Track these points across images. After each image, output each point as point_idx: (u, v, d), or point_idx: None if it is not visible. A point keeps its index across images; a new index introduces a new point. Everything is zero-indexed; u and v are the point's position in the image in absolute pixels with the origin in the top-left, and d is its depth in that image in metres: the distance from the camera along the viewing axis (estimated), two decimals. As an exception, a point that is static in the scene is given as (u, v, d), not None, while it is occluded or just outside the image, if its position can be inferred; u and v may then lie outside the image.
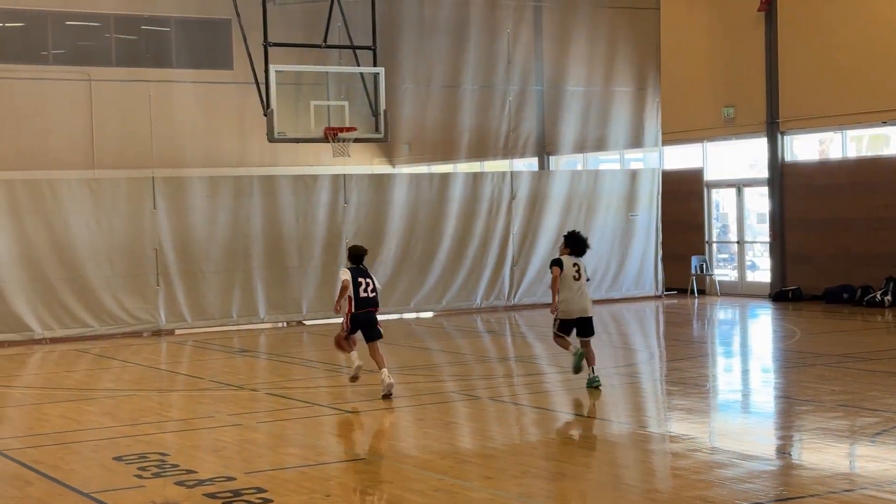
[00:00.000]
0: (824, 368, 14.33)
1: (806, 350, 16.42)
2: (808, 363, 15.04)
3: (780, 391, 13.21)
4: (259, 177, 22.01)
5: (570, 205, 23.96)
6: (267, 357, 17.88)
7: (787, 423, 11.32)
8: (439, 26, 26.34)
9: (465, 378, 14.85)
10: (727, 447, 10.35)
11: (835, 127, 23.06)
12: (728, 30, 24.85)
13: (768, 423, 11.61)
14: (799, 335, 18.20)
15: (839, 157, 23.27)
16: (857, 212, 22.44)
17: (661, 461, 9.87)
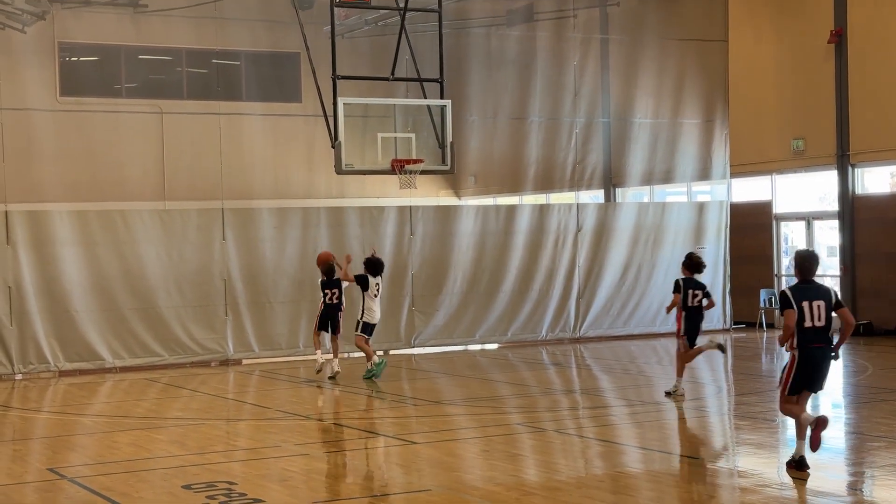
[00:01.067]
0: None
1: (878, 385, 16.15)
2: (880, 399, 14.79)
3: (851, 427, 13.00)
4: (326, 208, 22.18)
5: (637, 237, 23.84)
6: (333, 387, 17.95)
7: (859, 459, 11.14)
8: (506, 59, 26.46)
9: (530, 410, 14.80)
10: (798, 483, 10.20)
11: (907, 159, 22.75)
12: (797, 62, 24.66)
13: (839, 458, 11.42)
14: (871, 370, 17.91)
15: (911, 190, 22.94)
16: (930, 245, 22.07)
17: (729, 496, 9.75)
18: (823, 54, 23.92)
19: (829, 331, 10.40)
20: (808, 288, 10.38)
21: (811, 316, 10.26)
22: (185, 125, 26.58)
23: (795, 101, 24.75)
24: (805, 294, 10.31)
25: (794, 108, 24.78)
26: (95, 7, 26.17)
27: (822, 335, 10.33)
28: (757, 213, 25.46)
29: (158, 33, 27.01)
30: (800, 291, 10.33)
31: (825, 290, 10.45)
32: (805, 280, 10.45)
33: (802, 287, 10.40)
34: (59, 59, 27.02)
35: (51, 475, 10.80)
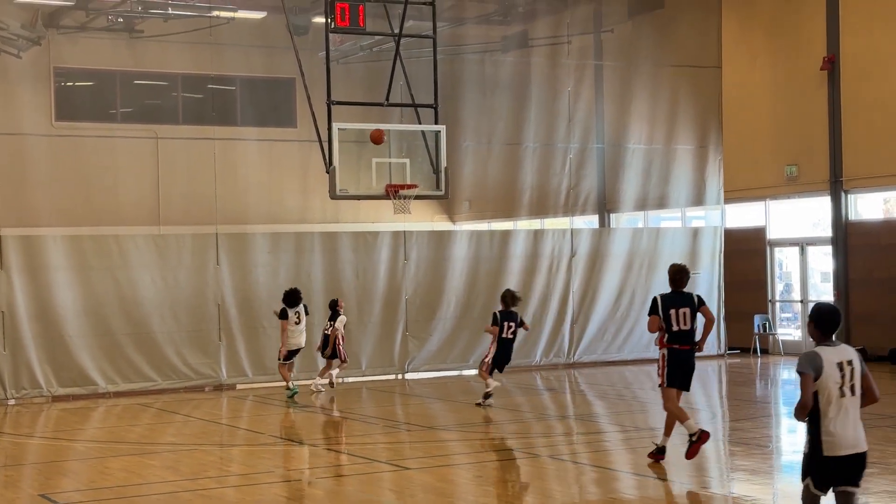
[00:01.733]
0: (891, 430, 14.07)
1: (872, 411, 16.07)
2: (874, 425, 14.76)
3: (845, 453, 12.97)
4: (320, 233, 22.20)
5: (632, 263, 23.86)
6: (326, 413, 17.92)
7: (853, 485, 11.11)
8: (501, 84, 26.55)
9: (524, 436, 14.77)
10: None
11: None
12: (790, 88, 24.76)
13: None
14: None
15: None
16: (923, 271, 22.11)
17: (722, 523, 9.72)
18: (816, 81, 24.03)
19: (694, 334, 11.99)
20: (677, 296, 11.94)
21: (678, 321, 11.80)
22: (180, 150, 26.63)
23: (789, 128, 24.84)
24: (673, 302, 11.88)
25: (788, 134, 24.86)
26: (91, 32, 26.26)
27: (687, 338, 11.91)
28: (751, 239, 25.51)
29: (154, 59, 27.09)
30: (669, 299, 11.93)
31: (689, 297, 12.01)
32: (675, 290, 12.01)
33: (672, 296, 11.97)
34: (54, 84, 27.08)
35: (43, 501, 10.76)
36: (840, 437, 7.23)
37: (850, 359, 7.31)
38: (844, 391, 7.25)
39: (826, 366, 7.21)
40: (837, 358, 7.27)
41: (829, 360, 7.22)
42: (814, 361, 7.21)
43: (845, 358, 7.31)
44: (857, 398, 7.30)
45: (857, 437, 7.28)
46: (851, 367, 7.29)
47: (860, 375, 7.34)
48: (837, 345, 7.37)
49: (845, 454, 7.25)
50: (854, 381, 7.30)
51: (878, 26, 22.97)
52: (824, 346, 7.33)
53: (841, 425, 7.24)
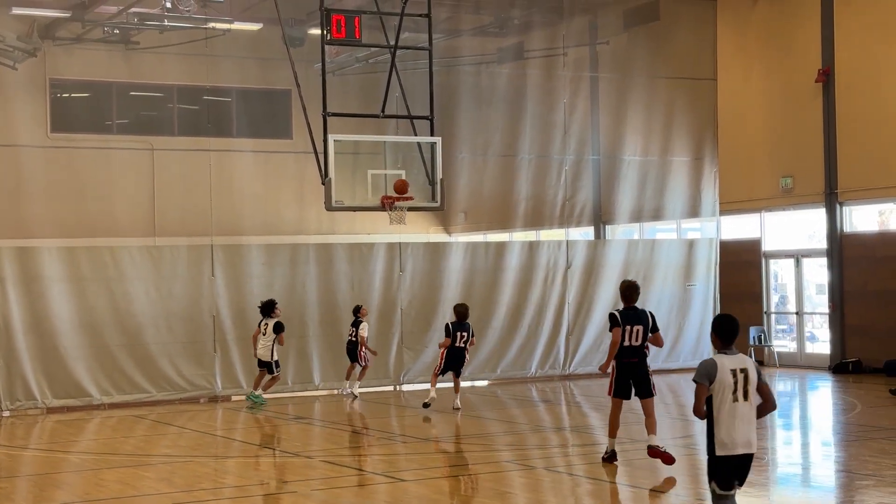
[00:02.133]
0: (886, 442, 14.07)
1: (867, 423, 16.15)
2: (869, 437, 14.78)
3: (840, 465, 12.98)
4: (315, 245, 22.19)
5: (627, 274, 23.78)
6: (321, 424, 17.90)
7: (848, 497, 11.12)
8: (496, 96, 26.55)
9: (519, 447, 14.75)
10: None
11: (894, 198, 22.84)
12: (786, 100, 24.81)
13: (828, 497, 11.41)
14: (860, 408, 17.91)
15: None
16: (918, 283, 22.13)
17: (718, 535, 9.69)
18: (811, 93, 24.08)
19: (642, 349, 12.68)
20: (632, 313, 12.64)
21: (630, 337, 12.52)
22: (175, 161, 26.62)
23: (784, 139, 24.89)
24: (628, 318, 12.55)
25: (783, 146, 24.90)
26: (87, 44, 26.25)
27: (636, 353, 12.63)
28: (746, 251, 25.53)
29: (150, 70, 27.09)
30: (625, 316, 12.56)
31: (644, 314, 12.69)
32: (629, 306, 12.67)
33: (627, 312, 12.62)
34: (50, 95, 27.08)
35: (36, 513, 10.72)
36: (732, 438, 7.82)
37: (744, 367, 7.89)
38: (737, 396, 7.84)
39: (720, 372, 7.84)
40: (732, 365, 7.87)
41: (724, 367, 7.84)
42: (708, 370, 7.87)
43: (740, 366, 7.89)
44: (750, 403, 7.86)
45: (748, 439, 7.88)
46: (745, 374, 7.87)
47: (756, 383, 7.91)
48: (735, 354, 7.98)
49: (737, 454, 7.84)
50: (748, 387, 7.87)
51: (872, 39, 23.03)
52: (722, 353, 7.99)
53: (733, 427, 7.82)
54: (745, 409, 7.84)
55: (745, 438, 7.86)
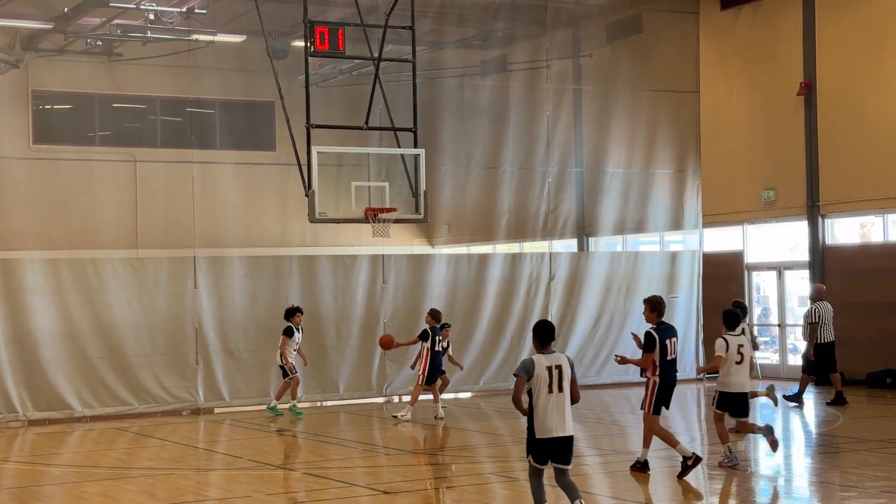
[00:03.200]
0: (868, 454, 14.11)
1: (849, 435, 16.19)
2: (851, 448, 14.82)
3: (821, 477, 13.01)
4: (299, 257, 22.16)
5: (610, 286, 23.90)
6: (304, 436, 17.85)
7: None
8: (479, 108, 26.58)
9: (503, 460, 14.74)
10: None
11: (876, 210, 22.96)
12: (768, 113, 24.92)
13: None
14: (842, 420, 17.96)
15: (881, 241, 23.12)
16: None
17: (701, 547, 9.72)
18: (793, 106, 24.19)
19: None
20: (666, 328, 12.86)
21: (670, 351, 12.78)
22: (158, 173, 26.55)
23: (766, 152, 24.98)
24: (666, 333, 12.80)
25: (765, 158, 25.00)
26: (69, 55, 26.18)
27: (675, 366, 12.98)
28: (729, 263, 25.59)
29: (132, 82, 27.02)
30: (661, 332, 12.74)
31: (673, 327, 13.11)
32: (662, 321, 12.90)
33: (661, 327, 12.79)
34: (32, 107, 26.99)
35: (17, 526, 10.66)
36: (546, 423, 9.37)
37: (559, 364, 9.44)
38: (553, 388, 9.37)
39: (537, 369, 9.36)
40: (548, 363, 9.41)
41: (540, 364, 9.38)
42: (527, 367, 9.42)
43: (555, 363, 9.44)
44: (564, 394, 9.41)
45: (563, 424, 9.42)
46: (560, 370, 9.41)
47: (569, 379, 9.43)
48: (552, 353, 9.52)
49: (552, 437, 9.39)
50: (563, 381, 9.40)
51: (854, 51, 23.17)
52: (540, 353, 9.51)
53: (549, 414, 9.36)
54: (559, 400, 9.37)
55: (559, 424, 9.40)
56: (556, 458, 9.48)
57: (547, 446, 9.42)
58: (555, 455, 9.46)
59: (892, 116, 22.38)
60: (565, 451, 9.47)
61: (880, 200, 22.56)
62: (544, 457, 9.47)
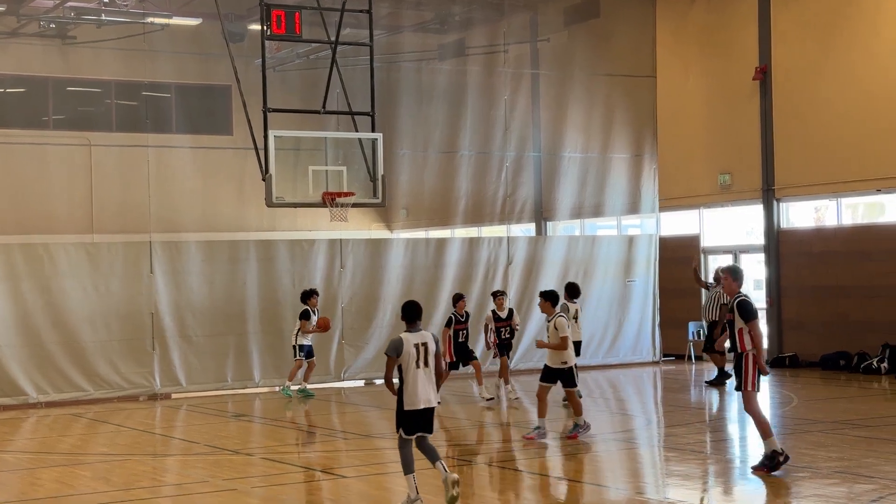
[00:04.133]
0: (821, 435, 14.27)
1: (802, 417, 16.36)
2: (804, 430, 14.98)
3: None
4: (256, 241, 22.06)
5: (567, 270, 23.99)
6: (262, 421, 17.80)
7: (784, 489, 11.26)
8: (437, 93, 26.57)
9: (460, 443, 14.77)
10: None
11: (830, 194, 23.18)
12: (724, 98, 25.07)
13: (764, 490, 11.54)
14: (796, 401, 18.15)
15: (835, 225, 23.36)
16: (853, 279, 22.48)
17: (657, 528, 9.79)
18: (749, 91, 24.35)
19: None
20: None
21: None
22: (113, 158, 26.34)
23: (722, 137, 25.14)
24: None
25: (721, 143, 25.16)
26: (23, 38, 25.88)
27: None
28: (685, 247, 25.75)
29: (87, 65, 26.77)
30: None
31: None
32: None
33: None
34: (-16, 90, 26.68)
35: (-30, 513, 10.56)
36: (415, 396, 10.03)
37: (425, 341, 10.12)
38: (419, 364, 10.04)
39: (406, 346, 10.01)
40: (416, 340, 10.07)
41: (408, 342, 10.02)
42: (395, 345, 10.06)
43: (422, 341, 10.11)
44: (430, 369, 10.10)
45: (428, 397, 10.10)
46: (425, 347, 10.08)
47: (434, 354, 10.10)
48: (418, 331, 10.18)
49: (419, 408, 10.04)
50: (428, 357, 10.08)
51: (809, 36, 23.34)
52: (407, 332, 10.13)
53: (416, 388, 10.01)
54: (425, 374, 10.06)
55: (425, 396, 10.08)
56: (422, 428, 10.16)
57: (415, 417, 10.10)
58: (423, 425, 10.14)
59: (846, 101, 22.58)
60: (430, 421, 10.19)
61: (834, 184, 22.78)
62: (413, 428, 10.12)
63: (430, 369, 10.10)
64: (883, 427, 14.34)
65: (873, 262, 22.02)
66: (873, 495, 10.48)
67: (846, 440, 13.76)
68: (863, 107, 22.27)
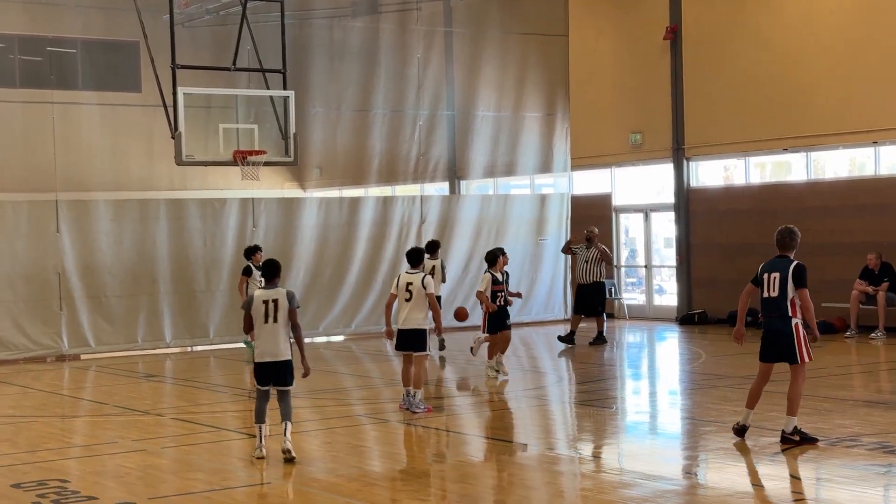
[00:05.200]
0: (728, 390, 14.54)
1: (710, 372, 16.66)
2: (712, 385, 15.25)
3: (685, 412, 13.37)
4: (166, 200, 21.76)
5: (481, 229, 24.06)
6: (173, 382, 17.63)
7: (692, 443, 11.46)
8: (349, 50, 26.30)
9: (375, 402, 14.79)
10: (634, 468, 10.46)
11: (738, 154, 23.51)
12: (635, 57, 25.24)
13: (674, 443, 11.74)
14: (704, 358, 18.46)
15: (743, 184, 23.71)
16: (760, 237, 22.80)
17: (568, 483, 9.92)
18: (659, 50, 24.53)
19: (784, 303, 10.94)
20: (774, 261, 11.14)
21: (768, 287, 11.07)
22: (17, 114, 25.65)
23: (633, 96, 25.33)
24: (766, 267, 11.22)
25: (633, 102, 25.35)
26: (-79, -10, 25.07)
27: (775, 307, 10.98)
28: (597, 206, 25.96)
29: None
30: (766, 265, 11.22)
31: (786, 264, 10.98)
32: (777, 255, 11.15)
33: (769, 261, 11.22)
34: None
35: None
36: (264, 350, 10.62)
37: (276, 298, 10.58)
38: (268, 319, 10.55)
39: (255, 302, 10.58)
40: (266, 297, 10.59)
41: (259, 298, 10.59)
42: (248, 302, 10.70)
43: (272, 297, 10.59)
44: (279, 325, 10.56)
45: (275, 351, 10.62)
46: (276, 304, 10.55)
47: (285, 310, 10.57)
48: (272, 288, 10.65)
49: (265, 361, 10.64)
50: (278, 313, 10.55)
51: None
52: (262, 289, 10.68)
53: (264, 342, 10.60)
54: (273, 329, 10.57)
55: (271, 350, 10.61)
56: (275, 381, 10.71)
57: (263, 370, 10.68)
58: (273, 378, 10.69)
59: (754, 62, 22.86)
60: (282, 374, 10.67)
61: (743, 143, 23.11)
62: (263, 379, 10.71)
63: (279, 325, 10.55)
64: (786, 382, 14.60)
65: (780, 219, 22.10)
66: (776, 448, 10.71)
67: (752, 394, 14.02)
68: (771, 67, 22.57)
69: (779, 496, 8.88)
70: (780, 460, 10.22)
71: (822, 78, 21.80)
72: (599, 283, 20.66)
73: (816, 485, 9.44)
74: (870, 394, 14.11)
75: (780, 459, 10.24)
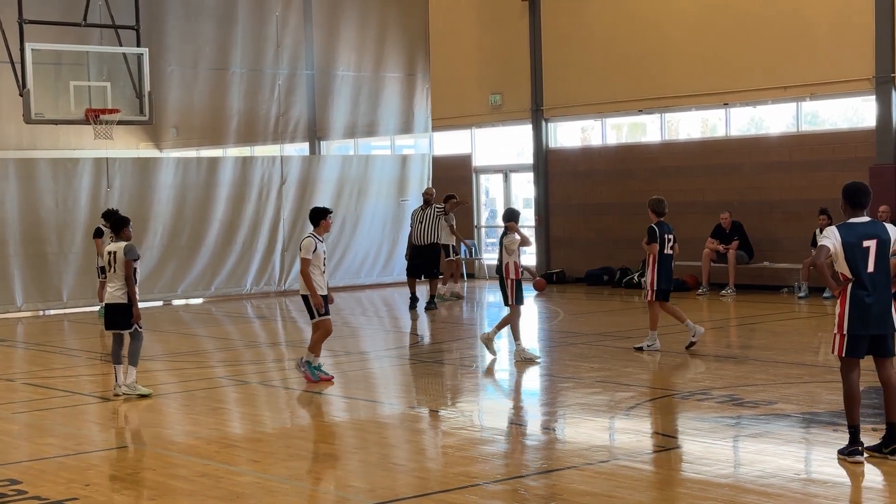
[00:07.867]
0: (585, 347, 14.84)
1: (568, 330, 16.96)
2: (569, 342, 15.54)
3: (543, 370, 13.58)
4: (16, 160, 21.10)
5: (342, 190, 23.99)
6: (25, 346, 17.18)
7: (550, 399, 11.67)
8: (205, 7, 25.76)
9: (234, 364, 14.66)
10: (493, 424, 10.61)
11: (595, 115, 23.88)
12: (495, 18, 25.36)
13: (532, 399, 11.94)
14: (562, 316, 18.78)
15: (600, 144, 24.12)
16: (615, 197, 23.32)
17: (428, 440, 10.01)
18: (518, 11, 24.70)
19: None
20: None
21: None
22: None
23: (493, 57, 25.47)
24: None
25: (492, 63, 25.49)
26: None
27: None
28: (458, 166, 26.11)
29: None
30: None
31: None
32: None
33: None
34: None
35: None
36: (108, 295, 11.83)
37: (114, 251, 11.66)
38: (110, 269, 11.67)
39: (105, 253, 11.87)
40: (111, 249, 11.76)
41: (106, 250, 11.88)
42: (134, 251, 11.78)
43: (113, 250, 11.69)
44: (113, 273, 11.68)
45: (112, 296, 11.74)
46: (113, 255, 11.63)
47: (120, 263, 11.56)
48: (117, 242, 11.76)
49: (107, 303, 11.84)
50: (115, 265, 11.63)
51: (576, -40, 23.80)
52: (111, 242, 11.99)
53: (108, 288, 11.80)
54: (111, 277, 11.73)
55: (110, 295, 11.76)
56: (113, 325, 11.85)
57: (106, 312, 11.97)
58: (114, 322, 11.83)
59: (610, 25, 23.21)
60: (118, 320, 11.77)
61: (599, 105, 23.47)
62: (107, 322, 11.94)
63: (113, 273, 11.69)
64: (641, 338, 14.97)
65: (635, 180, 22.87)
66: (631, 402, 11.00)
67: (607, 352, 14.35)
68: (626, 29, 22.94)
69: (633, 449, 9.11)
70: (635, 415, 10.48)
71: (677, 41, 22.26)
72: (434, 244, 20.26)
73: (670, 438, 9.71)
74: (720, 349, 14.56)
75: (636, 414, 10.51)
